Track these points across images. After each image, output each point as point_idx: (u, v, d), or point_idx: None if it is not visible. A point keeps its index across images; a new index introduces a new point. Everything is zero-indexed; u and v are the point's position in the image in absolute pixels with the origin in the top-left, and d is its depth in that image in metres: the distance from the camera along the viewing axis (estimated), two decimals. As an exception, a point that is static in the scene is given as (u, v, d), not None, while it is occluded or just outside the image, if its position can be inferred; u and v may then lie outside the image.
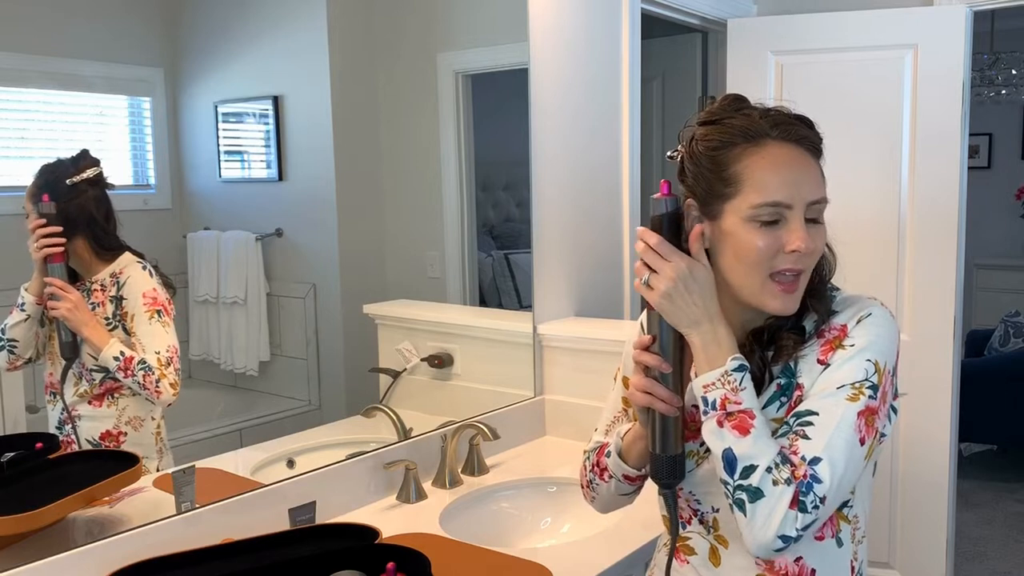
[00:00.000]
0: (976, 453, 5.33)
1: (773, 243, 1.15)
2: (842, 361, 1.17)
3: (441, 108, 2.41)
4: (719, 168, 1.18)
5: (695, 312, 1.16)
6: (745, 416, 1.12)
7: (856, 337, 1.18)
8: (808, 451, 1.12)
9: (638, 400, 1.21)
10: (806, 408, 1.15)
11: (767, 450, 1.11)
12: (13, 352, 1.63)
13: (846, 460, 1.12)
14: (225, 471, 1.88)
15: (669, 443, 1.21)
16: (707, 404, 1.15)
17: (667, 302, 1.17)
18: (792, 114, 1.20)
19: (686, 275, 1.16)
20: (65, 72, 1.65)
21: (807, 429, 1.13)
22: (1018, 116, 6.88)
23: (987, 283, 6.81)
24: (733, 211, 1.17)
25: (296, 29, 2.07)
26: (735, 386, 1.13)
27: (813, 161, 1.19)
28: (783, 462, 1.11)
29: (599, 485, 1.41)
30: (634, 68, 2.92)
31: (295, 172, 2.06)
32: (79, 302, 1.68)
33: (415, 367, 2.35)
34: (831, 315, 1.22)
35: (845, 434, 1.13)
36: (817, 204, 1.17)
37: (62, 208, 1.63)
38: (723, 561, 1.27)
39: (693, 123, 1.24)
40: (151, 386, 1.74)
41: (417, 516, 2.01)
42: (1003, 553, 4.06)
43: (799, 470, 1.11)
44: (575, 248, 2.75)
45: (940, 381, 3.30)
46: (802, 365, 1.20)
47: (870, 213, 3.31)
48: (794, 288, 1.17)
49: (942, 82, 3.21)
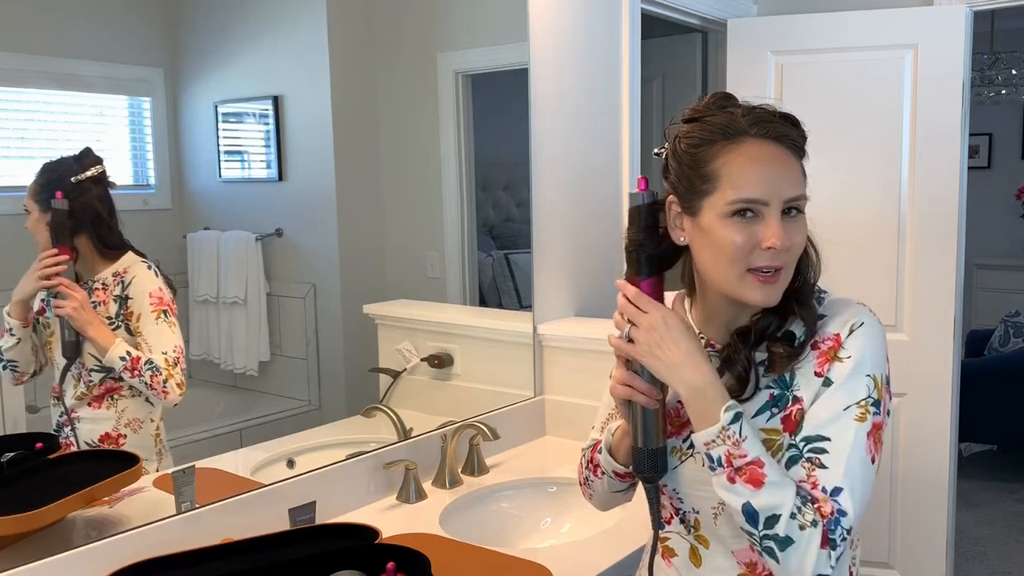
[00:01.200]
0: (976, 453, 5.33)
1: (749, 239, 1.15)
2: (842, 379, 1.17)
3: (441, 108, 2.41)
4: (698, 165, 1.19)
5: (676, 356, 1.16)
6: (755, 467, 1.12)
7: (851, 348, 1.18)
8: (828, 481, 1.13)
9: (619, 393, 1.22)
10: (815, 433, 1.16)
11: (786, 496, 1.10)
12: (16, 371, 1.62)
13: (863, 483, 1.14)
14: (225, 471, 1.88)
15: (650, 436, 1.21)
16: (712, 460, 1.14)
17: (648, 353, 1.18)
18: (776, 112, 1.20)
19: (662, 324, 1.17)
20: (65, 72, 1.65)
21: (822, 457, 1.14)
22: (1018, 116, 6.88)
23: (987, 283, 6.81)
24: (711, 207, 1.17)
25: (296, 29, 2.07)
26: (736, 439, 1.12)
27: (792, 159, 1.19)
28: (804, 502, 1.11)
29: (594, 482, 1.41)
30: (634, 68, 2.92)
31: (295, 172, 2.06)
32: (84, 301, 1.67)
33: (415, 367, 2.35)
34: (820, 319, 1.22)
35: (859, 457, 1.14)
36: (795, 201, 1.17)
37: (56, 210, 1.63)
38: (704, 562, 1.27)
39: (678, 121, 1.25)
40: (158, 387, 1.73)
41: (417, 516, 2.01)
42: (1003, 553, 4.06)
43: (824, 507, 1.11)
44: (575, 248, 2.75)
45: (940, 381, 3.29)
46: (799, 378, 1.20)
47: (870, 213, 3.30)
48: (774, 280, 1.17)
49: (942, 82, 3.21)
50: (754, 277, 1.17)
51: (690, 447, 1.25)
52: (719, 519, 1.24)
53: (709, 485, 1.21)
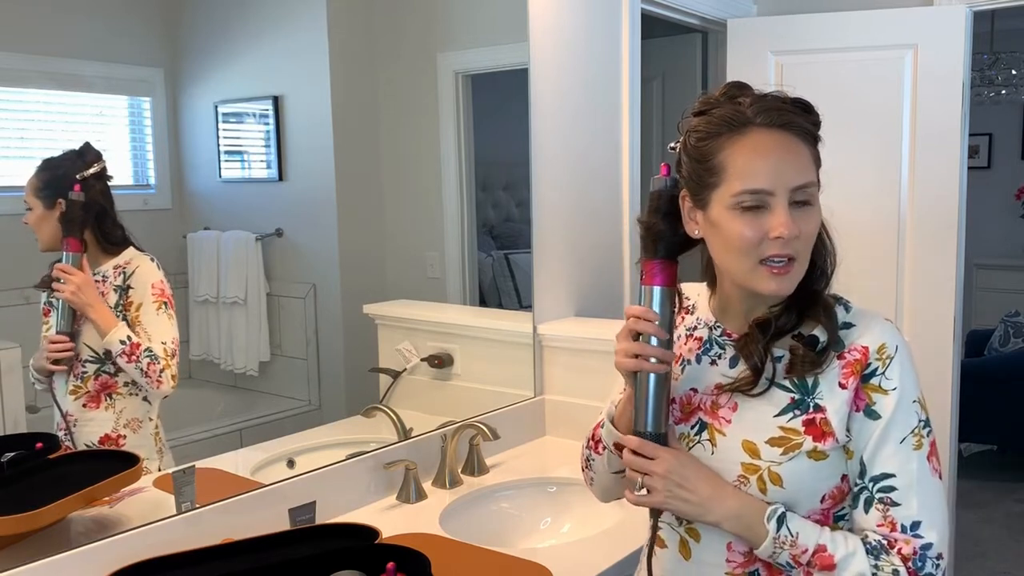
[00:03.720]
0: (976, 453, 5.33)
1: (758, 231, 1.15)
2: (892, 412, 1.17)
3: (441, 108, 2.41)
4: (705, 158, 1.19)
5: (703, 492, 1.18)
6: (820, 554, 1.15)
7: (893, 379, 1.18)
8: (905, 518, 1.15)
9: (627, 365, 1.21)
10: (880, 472, 1.17)
11: (859, 562, 1.14)
12: None
13: (938, 505, 1.17)
14: (225, 471, 1.88)
15: (654, 417, 1.21)
16: (784, 566, 1.17)
17: (671, 499, 1.19)
18: (786, 99, 1.19)
19: (676, 468, 1.18)
20: (65, 72, 1.65)
21: (893, 496, 1.16)
22: (1018, 116, 6.88)
23: (987, 283, 6.81)
24: (719, 200, 1.17)
25: (296, 29, 2.07)
26: (792, 540, 1.15)
27: (801, 145, 1.18)
28: (879, 554, 1.14)
29: (595, 461, 1.40)
30: (634, 68, 2.92)
31: (295, 172, 2.06)
32: (84, 283, 1.66)
33: (415, 367, 2.35)
34: (847, 328, 1.21)
35: (927, 483, 1.16)
36: (803, 188, 1.16)
37: (73, 201, 1.64)
38: (693, 555, 1.27)
39: (689, 114, 1.25)
40: (154, 375, 1.73)
41: (417, 516, 2.01)
42: (1003, 553, 4.06)
43: (905, 548, 1.14)
44: (575, 248, 2.75)
45: (940, 381, 3.29)
46: (823, 386, 1.19)
47: (870, 213, 3.31)
48: (787, 271, 1.17)
49: (942, 82, 3.21)
50: (766, 268, 1.16)
51: (697, 433, 1.25)
52: None
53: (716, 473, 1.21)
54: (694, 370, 1.29)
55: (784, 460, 1.18)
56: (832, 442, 1.18)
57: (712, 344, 1.29)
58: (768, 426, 1.20)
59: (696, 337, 1.31)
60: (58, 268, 1.64)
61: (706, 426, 1.25)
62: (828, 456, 1.18)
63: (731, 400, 1.24)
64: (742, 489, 1.20)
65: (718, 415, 1.24)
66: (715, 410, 1.25)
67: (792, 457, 1.18)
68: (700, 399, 1.27)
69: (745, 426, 1.22)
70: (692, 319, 1.34)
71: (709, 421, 1.25)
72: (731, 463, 1.21)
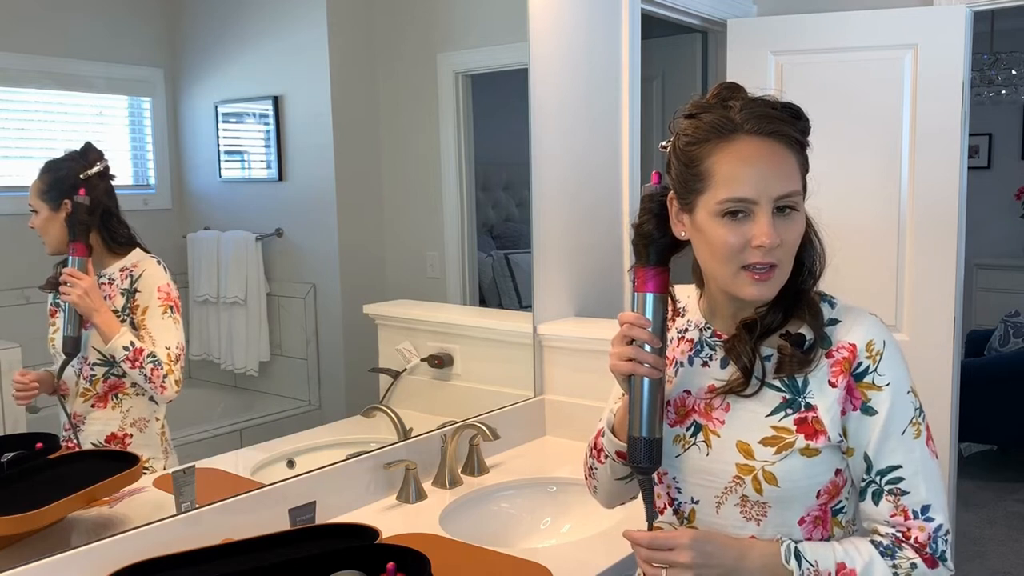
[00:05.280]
0: (976, 453, 5.33)
1: (741, 239, 1.16)
2: (888, 406, 1.20)
3: (441, 108, 2.41)
4: (692, 163, 1.19)
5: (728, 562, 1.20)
6: (843, 572, 1.17)
7: (885, 374, 1.20)
8: (915, 503, 1.19)
9: (622, 369, 1.22)
10: (887, 465, 1.20)
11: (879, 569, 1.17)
12: None
13: (941, 485, 1.21)
14: (225, 471, 1.88)
15: (649, 422, 1.21)
16: None
17: None
18: (776, 105, 1.20)
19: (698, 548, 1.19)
20: (65, 72, 1.65)
21: (901, 485, 1.20)
22: (1018, 116, 6.88)
23: (987, 283, 6.81)
24: (704, 206, 1.18)
25: (296, 29, 2.07)
26: (815, 571, 1.17)
27: (788, 153, 1.18)
28: (894, 552, 1.18)
29: (598, 469, 1.41)
30: (634, 68, 2.92)
31: (295, 172, 2.06)
32: (91, 288, 1.66)
33: (415, 367, 2.35)
34: (833, 324, 1.23)
35: (930, 466, 1.20)
36: (787, 198, 1.17)
37: (79, 204, 1.64)
38: None
39: (680, 116, 1.25)
40: (157, 380, 1.73)
41: (417, 516, 2.01)
42: (1003, 553, 4.06)
43: (919, 535, 1.18)
44: (575, 248, 2.75)
45: (940, 381, 3.29)
46: (813, 385, 1.21)
47: (870, 213, 3.30)
48: (768, 277, 1.18)
49: (942, 82, 3.21)
50: (748, 274, 1.18)
51: (693, 435, 1.26)
52: (722, 508, 1.25)
53: (712, 475, 1.23)
54: (687, 372, 1.30)
55: (777, 459, 1.19)
56: (824, 440, 1.19)
57: (703, 346, 1.30)
58: (761, 426, 1.21)
59: (687, 339, 1.32)
60: (66, 273, 1.64)
61: (701, 428, 1.26)
62: (820, 452, 1.20)
63: (724, 401, 1.25)
64: (738, 490, 1.22)
65: (712, 416, 1.25)
66: (709, 412, 1.26)
67: (785, 456, 1.19)
68: (694, 401, 1.28)
69: (738, 427, 1.23)
70: (683, 321, 1.35)
71: (704, 423, 1.26)
72: (726, 464, 1.23)
